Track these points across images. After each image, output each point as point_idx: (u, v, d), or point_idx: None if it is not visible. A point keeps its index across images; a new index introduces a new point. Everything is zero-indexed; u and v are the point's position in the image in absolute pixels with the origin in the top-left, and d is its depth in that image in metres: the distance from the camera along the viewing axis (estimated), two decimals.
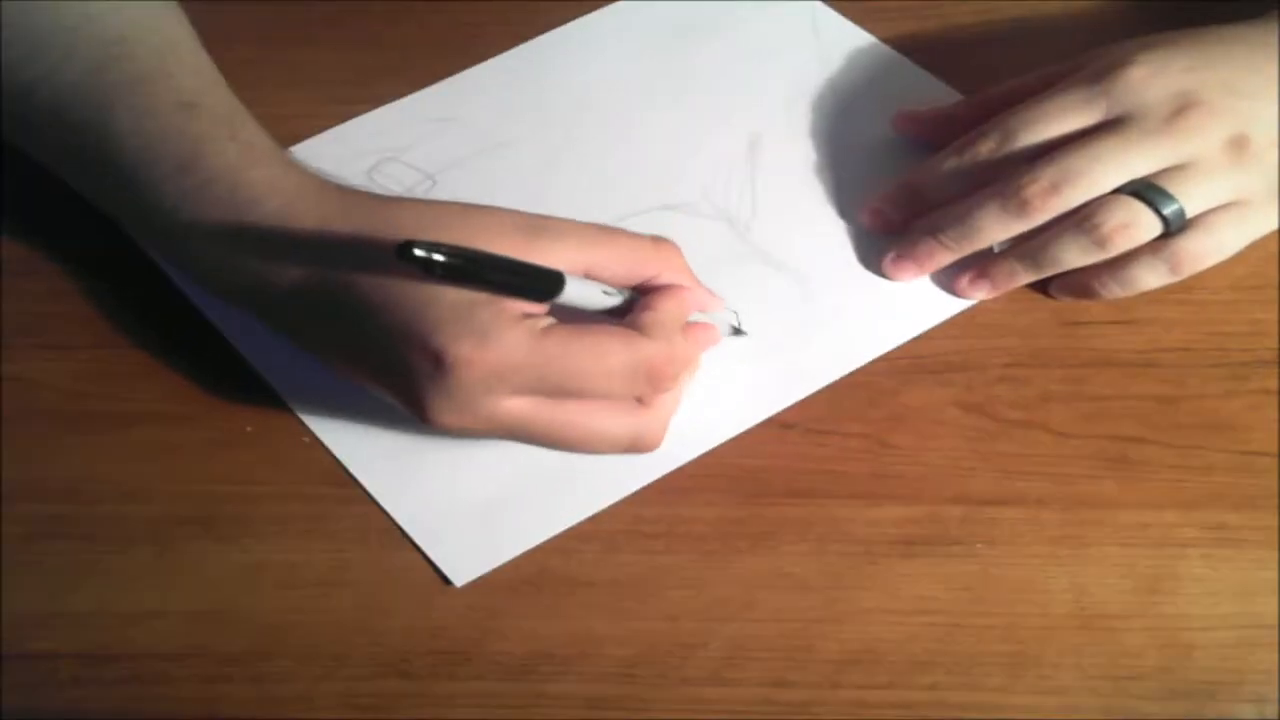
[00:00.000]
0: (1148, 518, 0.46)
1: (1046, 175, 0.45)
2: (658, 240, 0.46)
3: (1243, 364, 0.49)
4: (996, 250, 0.49)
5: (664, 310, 0.45)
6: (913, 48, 0.58)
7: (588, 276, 0.45)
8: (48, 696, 0.45)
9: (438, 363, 0.42)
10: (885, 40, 0.59)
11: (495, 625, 0.45)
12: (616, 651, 0.45)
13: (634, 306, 0.46)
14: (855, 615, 0.45)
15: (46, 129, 0.51)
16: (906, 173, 0.49)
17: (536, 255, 0.43)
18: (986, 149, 0.47)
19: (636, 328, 0.44)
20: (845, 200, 0.54)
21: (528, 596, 0.46)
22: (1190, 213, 0.46)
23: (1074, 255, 0.47)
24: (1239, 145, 0.46)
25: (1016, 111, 0.48)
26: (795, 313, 0.52)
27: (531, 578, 0.46)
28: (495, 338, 0.42)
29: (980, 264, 0.49)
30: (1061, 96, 0.48)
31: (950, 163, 0.48)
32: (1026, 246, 0.48)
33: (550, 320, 0.44)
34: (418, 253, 0.39)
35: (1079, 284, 0.49)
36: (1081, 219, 0.47)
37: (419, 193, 0.55)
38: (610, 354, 0.43)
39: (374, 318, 0.43)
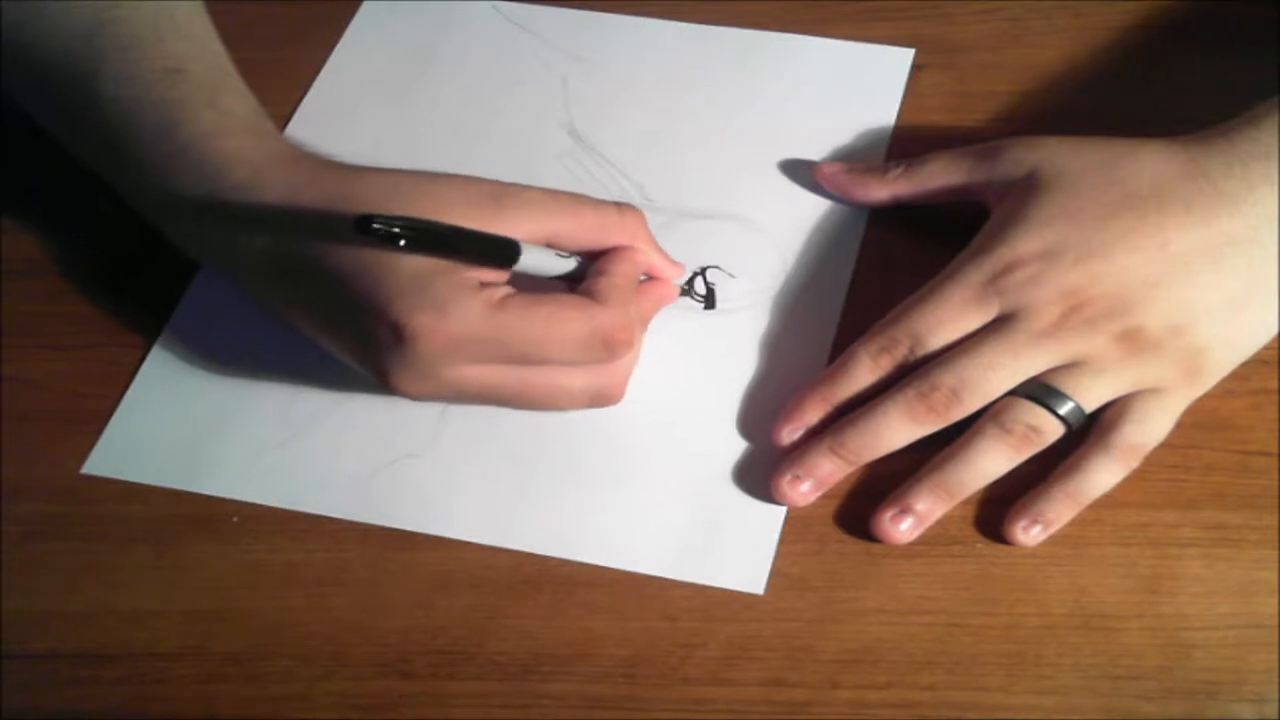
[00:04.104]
0: (1147, 518, 0.46)
1: (946, 383, 0.45)
2: (622, 208, 0.47)
3: (1243, 364, 0.49)
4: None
5: (618, 274, 0.46)
6: (912, 47, 0.58)
7: (551, 244, 0.46)
8: (48, 696, 0.45)
9: (397, 333, 0.43)
10: (886, 40, 0.59)
11: (495, 625, 0.45)
12: (616, 651, 0.45)
13: (590, 270, 0.47)
14: (855, 615, 0.45)
15: (41, 89, 0.51)
16: (819, 378, 0.47)
17: (499, 225, 0.44)
18: (900, 354, 0.46)
19: (591, 294, 0.45)
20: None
21: (527, 596, 0.46)
22: (1089, 408, 0.45)
23: (995, 462, 0.45)
24: (1131, 339, 0.44)
25: (923, 311, 0.46)
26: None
27: (531, 578, 0.46)
28: (453, 309, 0.42)
29: (902, 502, 0.45)
30: (959, 293, 0.46)
31: (864, 367, 0.46)
32: (942, 475, 0.45)
33: (508, 289, 0.44)
34: (376, 225, 0.40)
35: (1024, 520, 0.45)
36: (992, 425, 0.45)
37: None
38: (566, 323, 0.44)
39: (338, 287, 0.44)
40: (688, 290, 0.52)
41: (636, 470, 0.48)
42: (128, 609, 0.46)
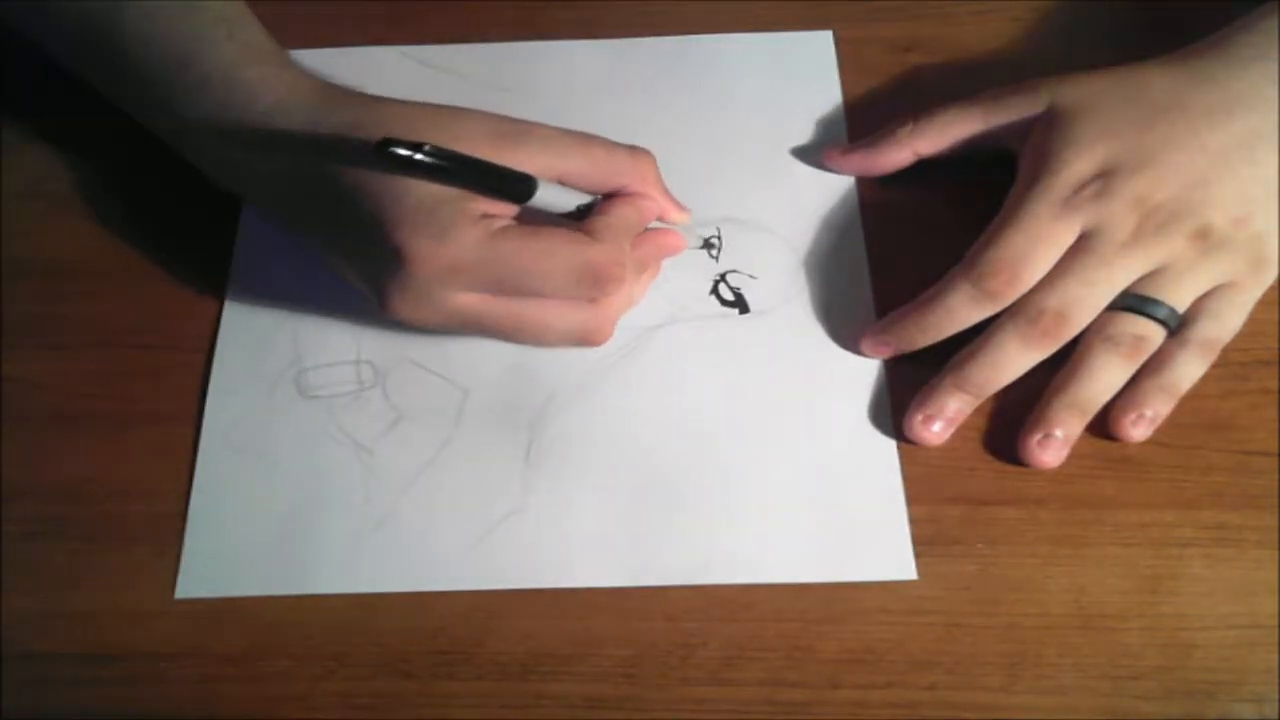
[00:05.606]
0: (1148, 518, 0.46)
1: (1051, 306, 0.47)
2: (634, 151, 0.48)
3: (1243, 364, 0.49)
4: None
5: (617, 215, 0.47)
6: (913, 47, 0.58)
7: (561, 182, 0.46)
8: (48, 696, 0.45)
9: (398, 256, 0.44)
10: (886, 40, 0.59)
11: (495, 625, 0.45)
12: (616, 651, 0.45)
13: (593, 210, 0.47)
14: (855, 615, 0.45)
15: (60, 22, 0.52)
16: (912, 305, 0.49)
17: (511, 160, 0.45)
18: (997, 284, 0.47)
19: (587, 231, 0.46)
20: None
21: (527, 596, 0.46)
22: (1181, 309, 0.47)
23: (1114, 376, 0.47)
24: (1203, 236, 0.47)
25: (1011, 242, 0.47)
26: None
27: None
28: (452, 236, 0.44)
29: (1044, 427, 0.47)
30: (1040, 220, 0.47)
31: (962, 294, 0.47)
32: (1072, 394, 0.47)
33: (508, 221, 0.45)
34: (398, 151, 0.41)
35: (1130, 414, 0.47)
36: (1101, 341, 0.47)
37: None
38: (557, 256, 0.44)
39: (350, 209, 0.45)
40: (718, 299, 0.52)
41: (749, 483, 0.48)
42: (128, 609, 0.46)
